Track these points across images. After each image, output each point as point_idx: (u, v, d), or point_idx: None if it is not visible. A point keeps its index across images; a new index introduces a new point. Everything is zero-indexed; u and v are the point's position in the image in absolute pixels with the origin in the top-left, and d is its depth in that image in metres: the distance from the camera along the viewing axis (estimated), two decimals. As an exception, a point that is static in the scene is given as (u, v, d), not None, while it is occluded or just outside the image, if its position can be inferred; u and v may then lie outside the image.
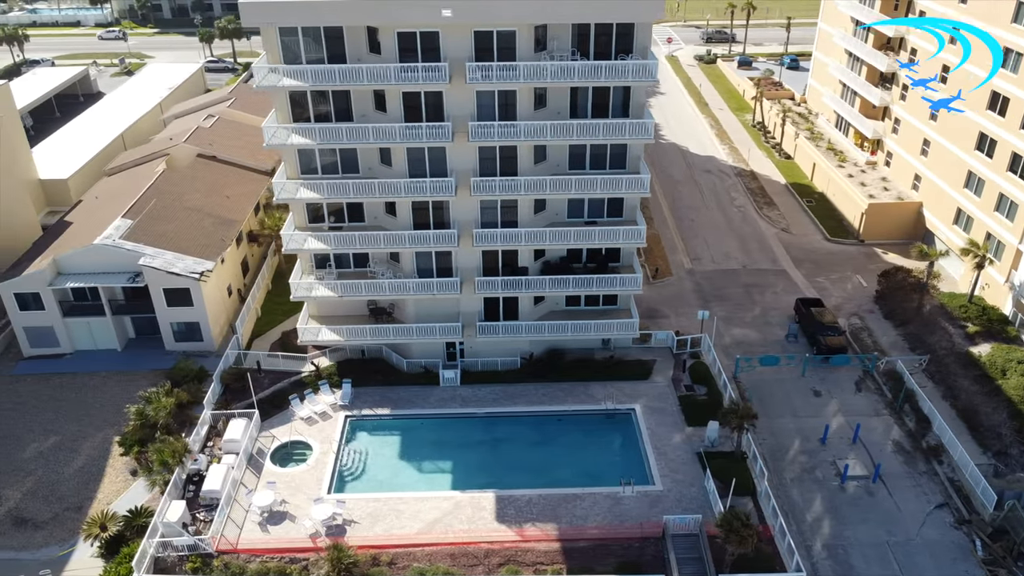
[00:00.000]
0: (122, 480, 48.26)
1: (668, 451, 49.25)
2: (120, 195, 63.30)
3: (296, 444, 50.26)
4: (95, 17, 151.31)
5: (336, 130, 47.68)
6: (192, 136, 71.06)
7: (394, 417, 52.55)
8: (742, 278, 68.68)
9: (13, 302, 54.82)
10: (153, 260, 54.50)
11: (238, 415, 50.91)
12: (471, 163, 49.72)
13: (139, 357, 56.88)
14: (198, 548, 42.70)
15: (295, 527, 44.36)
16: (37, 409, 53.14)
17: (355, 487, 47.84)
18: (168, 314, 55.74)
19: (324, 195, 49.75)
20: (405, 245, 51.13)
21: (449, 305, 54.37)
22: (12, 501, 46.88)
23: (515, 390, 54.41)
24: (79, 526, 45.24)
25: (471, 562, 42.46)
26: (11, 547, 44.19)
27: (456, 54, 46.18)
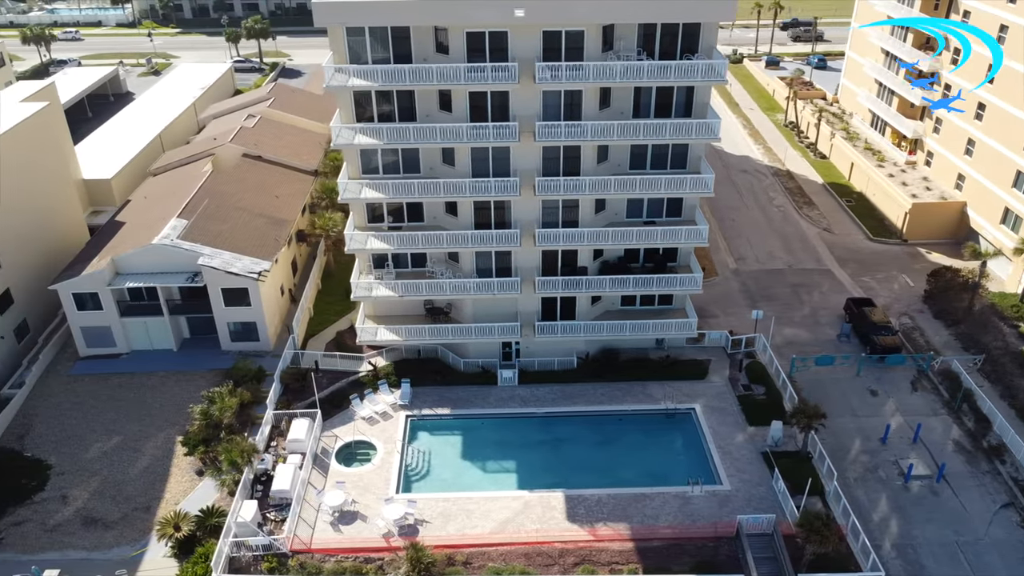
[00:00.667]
0: (188, 480, 48.26)
1: (732, 451, 49.26)
2: (170, 195, 63.34)
3: (360, 444, 50.29)
4: (116, 17, 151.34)
5: (403, 130, 47.71)
6: (236, 136, 70.99)
7: (455, 417, 52.57)
8: (788, 278, 68.70)
9: (71, 302, 54.81)
10: (212, 260, 54.50)
11: (300, 415, 50.94)
12: (535, 163, 49.74)
13: (195, 357, 56.87)
14: (273, 548, 42.73)
15: (367, 527, 44.39)
16: (97, 409, 53.16)
17: (421, 487, 47.88)
18: (225, 314, 55.74)
19: (389, 195, 49.81)
20: (468, 245, 51.16)
21: (507, 305, 54.39)
22: (80, 501, 46.90)
23: (573, 390, 54.43)
24: (149, 526, 45.36)
25: (546, 562, 42.48)
26: (83, 547, 44.19)
27: (524, 54, 46.22)
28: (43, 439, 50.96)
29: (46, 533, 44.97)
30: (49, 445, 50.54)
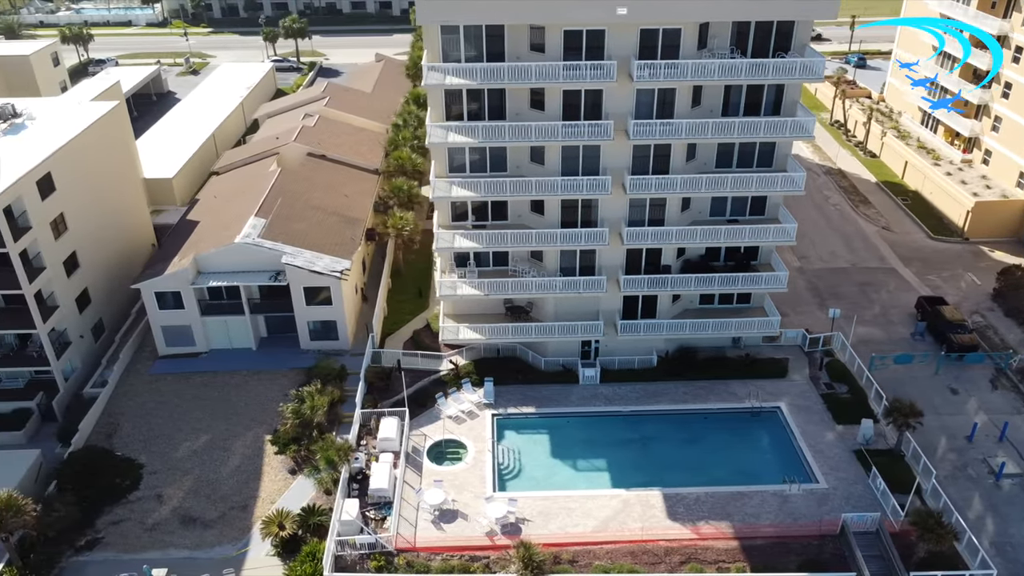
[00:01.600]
0: (281, 479, 48.21)
1: (824, 449, 49.21)
2: (240, 194, 63.32)
3: (449, 443, 50.24)
4: (146, 17, 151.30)
5: (497, 128, 47.67)
6: (299, 135, 70.92)
7: (540, 415, 52.55)
8: (853, 276, 68.63)
9: (153, 301, 54.76)
10: (294, 259, 54.47)
11: (388, 414, 50.91)
12: (625, 161, 49.71)
13: (275, 356, 56.81)
14: (378, 547, 42.69)
15: (469, 525, 44.36)
16: (182, 408, 53.12)
17: (515, 485, 47.82)
18: (306, 313, 55.70)
19: (480, 193, 49.76)
20: (556, 243, 51.14)
21: (589, 303, 54.36)
22: (175, 500, 46.86)
23: (655, 388, 54.41)
24: (248, 525, 45.34)
25: (652, 560, 42.44)
26: (184, 546, 44.16)
27: (620, 52, 46.20)
28: (131, 438, 50.93)
29: (146, 532, 44.94)
30: (138, 444, 50.51)
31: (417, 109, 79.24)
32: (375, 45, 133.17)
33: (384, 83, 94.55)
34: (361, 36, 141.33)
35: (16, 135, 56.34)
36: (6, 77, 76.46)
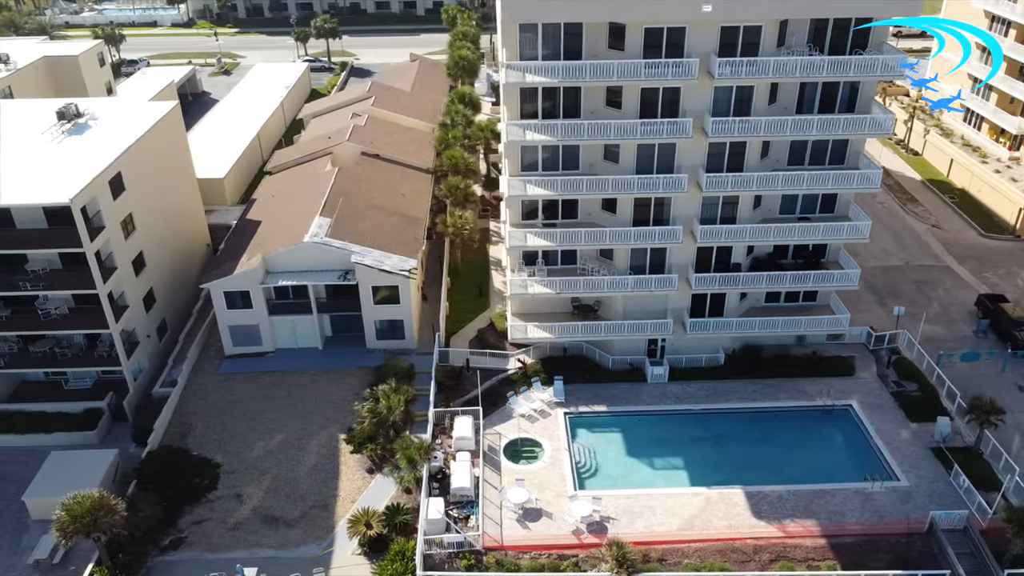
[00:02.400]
0: (359, 477, 48.17)
1: (901, 447, 49.11)
2: (299, 193, 63.29)
3: (524, 441, 50.17)
4: (171, 17, 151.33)
5: (577, 127, 47.59)
6: (352, 135, 70.86)
7: (612, 414, 52.49)
8: (908, 274, 68.51)
9: (222, 301, 54.74)
10: (363, 258, 54.44)
11: (461, 412, 50.88)
12: (699, 159, 49.63)
13: (341, 355, 56.79)
14: (465, 545, 42.63)
15: (554, 524, 44.29)
16: (254, 408, 53.09)
17: (593, 484, 47.72)
18: (374, 312, 55.65)
19: (557, 191, 49.69)
20: (629, 241, 51.08)
21: (657, 302, 54.30)
22: (255, 499, 46.83)
23: (724, 386, 54.32)
24: (331, 524, 45.33)
25: (741, 558, 42.37)
26: (269, 545, 44.13)
27: (700, 49, 46.12)
28: (205, 438, 50.91)
29: (229, 532, 44.91)
30: (212, 444, 50.47)
31: (464, 108, 79.11)
32: (403, 45, 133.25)
33: (422, 82, 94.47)
34: (387, 36, 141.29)
35: (81, 135, 56.32)
36: (54, 77, 76.49)
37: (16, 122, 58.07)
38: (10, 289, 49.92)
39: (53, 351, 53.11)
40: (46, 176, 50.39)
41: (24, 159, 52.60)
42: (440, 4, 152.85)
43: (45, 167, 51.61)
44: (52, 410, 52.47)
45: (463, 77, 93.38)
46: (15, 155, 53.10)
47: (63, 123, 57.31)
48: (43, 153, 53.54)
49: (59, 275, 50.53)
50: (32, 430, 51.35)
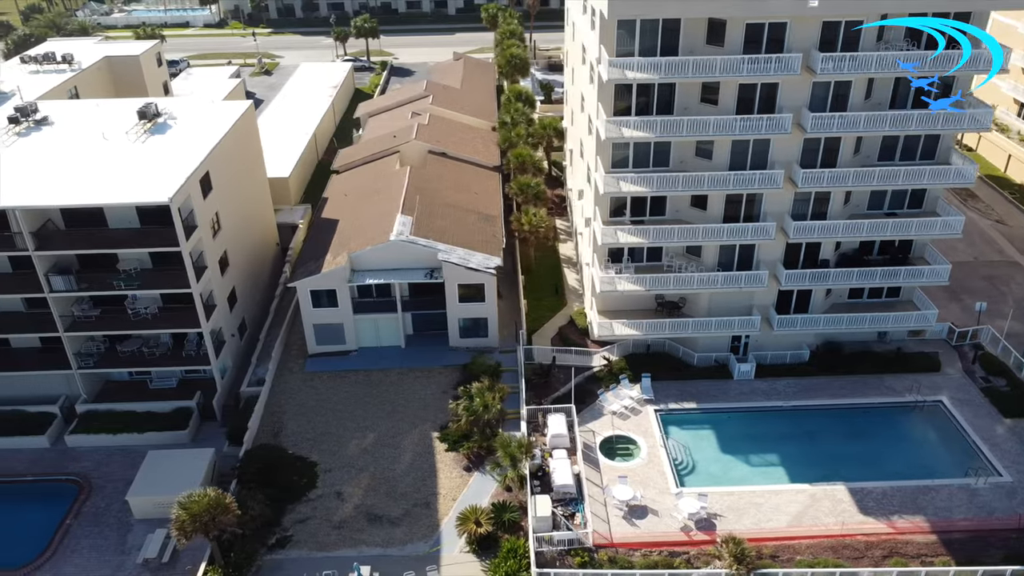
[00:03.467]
0: (457, 475, 48.10)
1: (999, 443, 48.93)
2: (375, 192, 63.22)
3: (619, 439, 50.09)
4: (203, 18, 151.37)
5: (675, 123, 47.46)
6: (418, 133, 70.76)
7: (702, 411, 52.39)
8: (978, 270, 68.23)
9: (308, 299, 54.72)
10: (449, 255, 54.39)
11: (554, 410, 50.81)
12: (794, 155, 49.51)
13: (424, 353, 56.73)
14: (575, 542, 42.55)
15: (661, 520, 44.21)
16: (343, 406, 53.05)
17: (691, 481, 47.62)
18: (458, 310, 55.58)
19: (653, 188, 49.59)
20: (722, 238, 50.95)
21: (742, 298, 54.22)
22: (356, 498, 46.79)
23: (810, 383, 54.18)
24: (434, 522, 45.28)
25: (854, 554, 42.24)
26: (375, 543, 44.09)
27: (801, 45, 45.99)
28: (298, 436, 50.88)
29: (334, 530, 44.87)
30: (306, 442, 50.44)
31: (523, 106, 79.02)
32: (438, 44, 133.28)
33: (470, 81, 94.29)
34: (419, 35, 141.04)
35: (163, 134, 56.35)
36: (115, 77, 76.51)
37: (99, 122, 58.12)
38: (105, 288, 49.92)
39: (141, 351, 53.11)
40: (136, 176, 50.39)
41: (111, 158, 52.61)
42: (471, 3, 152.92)
43: (133, 166, 51.59)
44: (141, 410, 52.51)
45: (514, 75, 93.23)
46: (103, 155, 53.13)
47: (144, 122, 57.32)
48: (129, 152, 53.54)
49: (153, 275, 50.53)
50: (122, 430, 51.34)
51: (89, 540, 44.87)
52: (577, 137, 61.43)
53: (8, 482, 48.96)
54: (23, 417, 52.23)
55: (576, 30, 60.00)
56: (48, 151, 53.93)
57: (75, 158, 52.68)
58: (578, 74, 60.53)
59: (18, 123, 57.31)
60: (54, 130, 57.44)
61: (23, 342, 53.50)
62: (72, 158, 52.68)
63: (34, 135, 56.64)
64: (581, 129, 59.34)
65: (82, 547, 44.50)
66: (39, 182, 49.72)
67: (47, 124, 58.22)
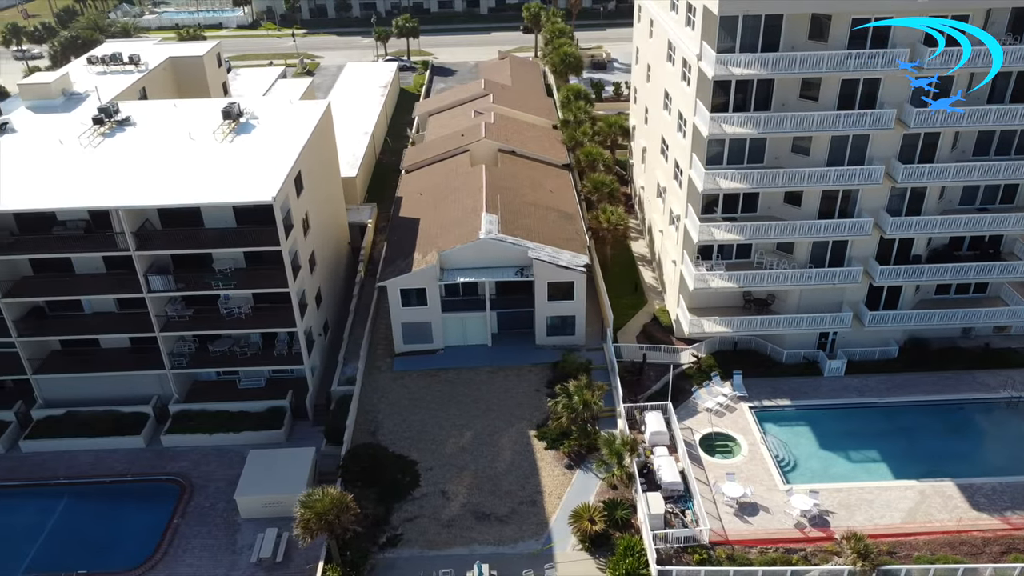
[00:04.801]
0: (560, 474, 48.04)
1: (1102, 438, 48.83)
2: (450, 190, 63.16)
3: (718, 435, 49.99)
4: (236, 19, 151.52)
5: (780, 118, 47.34)
6: (486, 132, 70.68)
7: (797, 408, 52.26)
8: (1051, 265, 67.96)
9: (397, 298, 54.70)
10: (539, 253, 54.32)
11: (651, 407, 50.76)
12: (892, 150, 49.41)
13: (510, 352, 56.70)
14: (691, 540, 42.46)
15: (773, 517, 44.11)
16: (436, 405, 53.03)
17: (795, 478, 47.48)
18: (546, 308, 55.52)
19: (753, 185, 49.48)
20: (819, 234, 50.79)
21: (832, 295, 54.11)
22: (461, 496, 46.75)
23: (901, 379, 54.02)
24: (542, 519, 45.24)
25: (971, 551, 42.09)
26: (487, 541, 44.03)
27: (905, 40, 45.85)
28: (396, 435, 50.85)
29: (444, 528, 44.83)
30: (404, 441, 50.40)
31: (585, 104, 78.94)
32: (475, 43, 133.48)
33: (519, 80, 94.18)
34: (454, 35, 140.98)
35: (248, 134, 56.32)
36: (177, 77, 76.52)
37: (180, 122, 58.18)
38: (202, 288, 49.94)
39: (233, 350, 53.10)
40: (231, 175, 50.34)
41: (202, 158, 52.59)
42: (503, 3, 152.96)
43: (225, 166, 51.54)
44: (234, 409, 52.50)
45: (567, 74, 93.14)
46: (192, 154, 53.13)
47: (228, 122, 57.34)
48: (218, 152, 53.53)
49: (248, 274, 50.51)
50: (217, 429, 51.35)
51: (199, 540, 44.86)
52: (656, 134, 61.28)
53: (109, 482, 48.99)
54: (117, 417, 52.23)
55: (657, 28, 59.86)
56: (136, 151, 53.92)
57: (165, 158, 52.67)
58: (658, 72, 60.40)
59: (102, 124, 57.31)
60: (137, 131, 57.44)
61: (111, 343, 53.57)
62: (162, 158, 52.67)
63: (119, 135, 56.64)
64: (662, 126, 59.22)
65: (192, 547, 44.49)
66: (135, 182, 49.68)
67: (130, 124, 58.22)
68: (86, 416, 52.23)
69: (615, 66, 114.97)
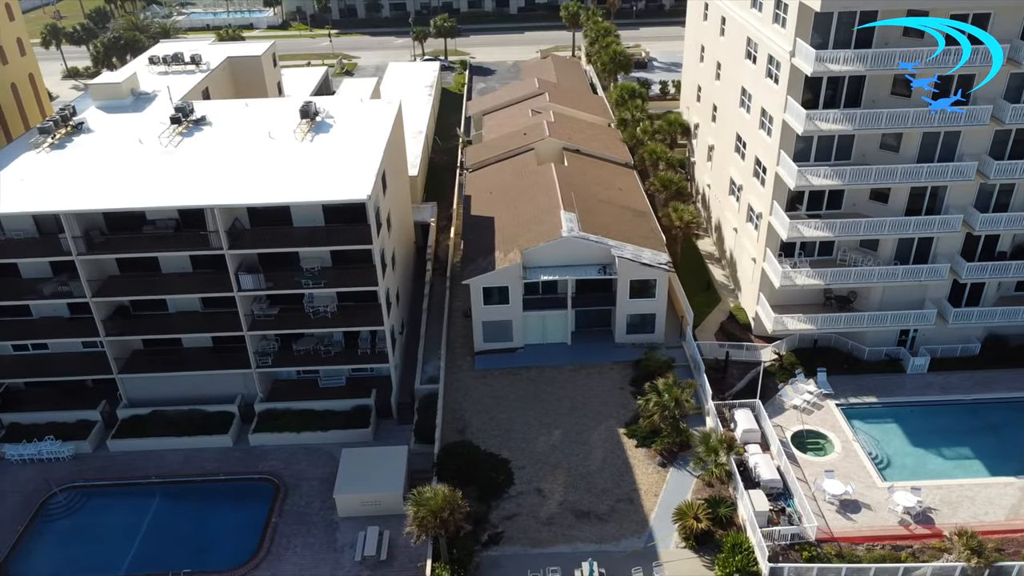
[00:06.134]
0: (653, 471, 47.97)
1: None
2: (521, 189, 63.14)
3: (809, 433, 49.88)
4: (267, 19, 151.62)
5: (876, 115, 47.29)
6: (550, 130, 70.62)
7: (884, 405, 52.14)
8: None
9: (480, 296, 54.65)
10: (622, 251, 54.25)
11: (739, 405, 50.68)
12: (983, 146, 49.31)
13: (590, 350, 56.68)
14: (798, 537, 42.36)
15: (876, 514, 44.00)
16: (521, 402, 53.00)
17: (891, 475, 47.35)
18: (628, 306, 55.47)
19: (845, 181, 49.38)
20: (908, 230, 50.69)
21: (915, 291, 54.00)
22: (558, 494, 46.69)
23: (985, 376, 53.91)
24: (642, 517, 45.19)
25: (1080, 547, 42.00)
26: (589, 539, 43.95)
27: (1005, 35, 45.75)
28: (484, 433, 50.79)
29: (545, 527, 44.77)
30: (493, 439, 50.35)
31: (641, 103, 78.87)
32: (508, 43, 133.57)
33: (564, 78, 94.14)
34: (485, 35, 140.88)
35: (327, 133, 56.31)
36: (235, 77, 76.51)
37: (254, 121, 58.20)
38: (290, 287, 49.90)
39: (317, 349, 53.04)
40: (317, 174, 50.22)
41: (285, 157, 52.53)
42: (532, 2, 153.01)
43: (309, 165, 51.43)
44: (320, 408, 52.45)
45: (617, 72, 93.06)
46: (276, 154, 53.10)
47: (306, 121, 57.32)
48: (300, 151, 53.46)
49: (335, 273, 50.44)
50: (304, 428, 51.32)
51: (299, 539, 44.80)
52: (729, 131, 61.18)
53: (201, 481, 48.96)
54: (204, 416, 52.22)
55: (732, 26, 59.75)
56: (217, 151, 53.89)
57: (248, 157, 52.63)
58: (733, 69, 60.26)
59: (179, 123, 57.30)
60: (214, 130, 57.45)
61: (193, 342, 53.57)
62: (245, 157, 52.63)
63: (196, 135, 56.64)
64: (738, 123, 59.14)
65: (294, 545, 44.43)
66: (222, 181, 49.63)
67: (205, 124, 58.24)
68: (172, 415, 52.23)
69: (654, 65, 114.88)
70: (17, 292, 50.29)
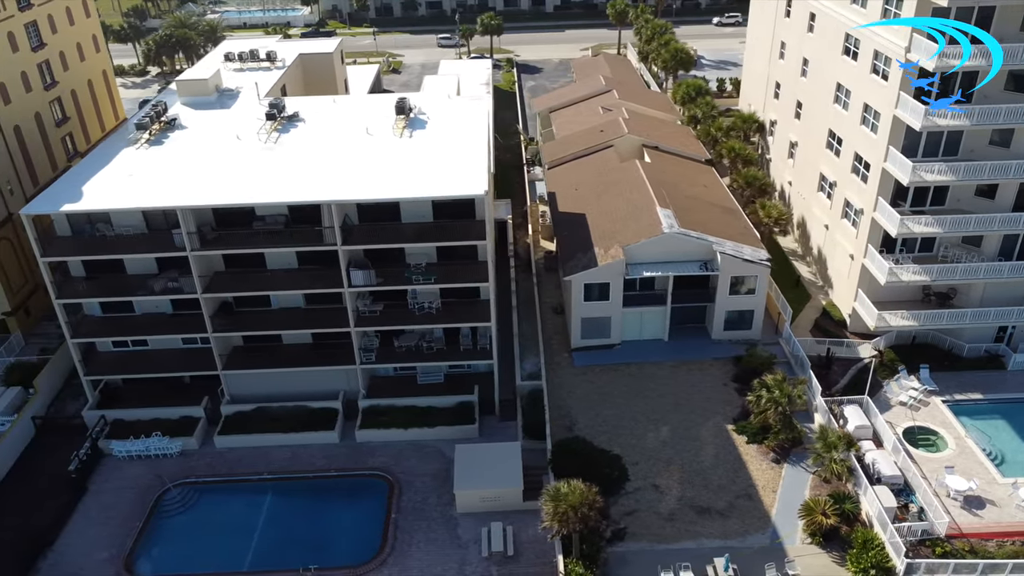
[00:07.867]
0: (768, 467, 47.89)
1: None
2: (608, 185, 63.05)
3: (920, 429, 49.77)
4: (304, 18, 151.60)
5: (995, 110, 47.24)
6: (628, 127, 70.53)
7: (989, 402, 52.02)
8: None
9: (580, 293, 54.55)
10: (724, 247, 54.15)
11: (848, 401, 50.58)
12: (1095, 143, 49.26)
13: (687, 346, 56.60)
14: (927, 533, 42.26)
15: (1001, 510, 43.90)
16: (625, 398, 52.92)
17: (1008, 471, 47.17)
18: (727, 302, 55.37)
19: (959, 177, 49.27)
20: (1020, 227, 50.60)
21: (1016, 288, 53.88)
22: (675, 490, 46.62)
23: (1088, 373, 53.89)
24: (763, 513, 45.16)
25: None
26: (714, 535, 43.90)
27: None
28: (592, 430, 50.69)
29: (667, 522, 44.71)
30: (601, 435, 50.24)
31: (711, 99, 78.78)
32: (550, 41, 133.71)
33: (619, 76, 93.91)
34: (523, 32, 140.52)
35: (424, 129, 56.24)
36: (305, 74, 76.44)
37: (345, 117, 58.16)
38: (400, 283, 49.82)
39: (419, 345, 52.94)
40: (422, 169, 50.10)
41: (386, 153, 52.44)
42: (568, 1, 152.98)
43: (412, 160, 51.32)
44: (422, 404, 52.36)
45: (678, 69, 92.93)
46: (376, 149, 53.01)
47: (402, 117, 57.23)
48: (401, 147, 53.37)
49: (442, 269, 50.33)
50: (411, 424, 51.22)
51: (421, 535, 44.72)
52: (819, 128, 61.05)
53: (314, 477, 48.88)
54: (309, 412, 52.15)
55: (825, 22, 59.63)
56: (316, 146, 53.79)
57: (349, 153, 52.53)
58: (825, 66, 60.11)
59: (274, 119, 57.23)
60: (308, 126, 57.38)
61: (293, 338, 53.51)
62: (346, 153, 52.53)
63: (292, 131, 56.58)
64: (831, 120, 59.03)
65: (416, 541, 44.35)
66: (329, 177, 49.48)
67: (299, 120, 58.19)
68: (277, 411, 52.16)
69: (703, 63, 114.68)
70: (125, 288, 50.23)
